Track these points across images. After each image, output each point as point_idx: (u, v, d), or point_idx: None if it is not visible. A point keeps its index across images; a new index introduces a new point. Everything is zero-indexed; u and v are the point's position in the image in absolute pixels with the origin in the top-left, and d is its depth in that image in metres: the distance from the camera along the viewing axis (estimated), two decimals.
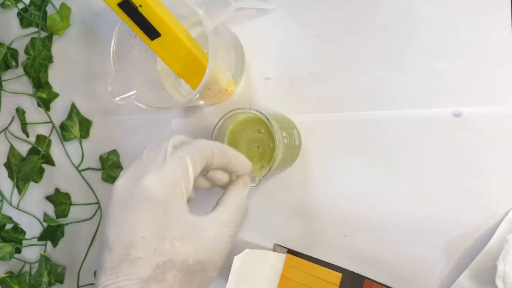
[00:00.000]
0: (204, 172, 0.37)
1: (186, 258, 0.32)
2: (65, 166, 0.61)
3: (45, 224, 0.62)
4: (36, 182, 0.62)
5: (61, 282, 0.60)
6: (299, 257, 0.49)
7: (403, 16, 0.46)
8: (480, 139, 0.44)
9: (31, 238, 0.63)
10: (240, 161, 0.37)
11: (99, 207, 0.59)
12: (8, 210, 0.64)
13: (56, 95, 0.61)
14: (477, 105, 0.44)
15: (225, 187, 0.38)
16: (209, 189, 0.39)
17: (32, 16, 0.61)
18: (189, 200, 0.38)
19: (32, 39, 0.60)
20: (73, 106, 0.59)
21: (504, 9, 0.43)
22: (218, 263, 0.34)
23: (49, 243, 0.62)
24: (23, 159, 0.62)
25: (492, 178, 0.44)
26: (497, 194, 0.43)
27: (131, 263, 0.31)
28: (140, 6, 0.39)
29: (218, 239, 0.33)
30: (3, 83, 0.63)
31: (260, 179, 0.42)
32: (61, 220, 0.61)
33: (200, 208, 0.36)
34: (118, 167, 0.58)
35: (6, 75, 0.63)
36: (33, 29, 0.62)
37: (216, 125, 0.43)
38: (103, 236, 0.33)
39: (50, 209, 0.62)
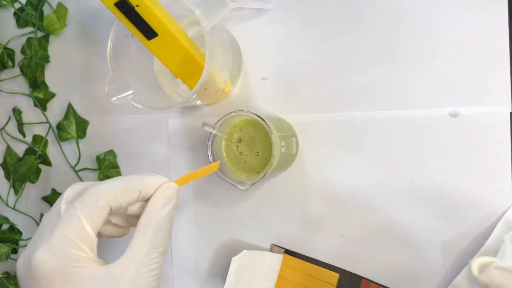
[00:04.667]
0: (123, 211, 0.34)
1: None
2: (62, 167, 0.61)
3: None
4: (33, 182, 0.62)
5: None
6: (296, 257, 0.49)
7: (400, 16, 0.46)
8: (476, 139, 0.44)
9: (28, 239, 0.63)
10: (151, 187, 0.33)
11: None
12: (4, 211, 0.64)
13: (52, 95, 0.60)
14: (474, 105, 0.44)
15: None
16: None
17: (29, 16, 0.60)
18: (122, 236, 0.36)
19: (29, 39, 0.59)
20: (69, 106, 0.59)
21: (501, 10, 0.43)
22: None
23: None
24: (20, 159, 0.62)
25: (488, 178, 0.44)
26: (494, 194, 0.44)
27: None
28: (137, 5, 0.39)
29: (140, 280, 0.30)
30: None
31: (252, 184, 0.41)
32: None
33: None
34: (115, 167, 0.58)
35: (3, 75, 0.63)
36: (29, 29, 0.61)
37: (216, 123, 0.43)
38: None
39: (46, 210, 0.62)
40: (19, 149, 0.63)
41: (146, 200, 0.34)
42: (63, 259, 0.29)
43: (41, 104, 0.60)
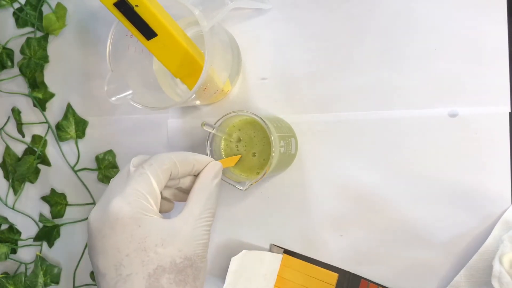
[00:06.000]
0: (175, 183, 0.39)
1: (173, 259, 0.34)
2: (61, 167, 0.61)
3: (41, 225, 0.61)
4: (32, 182, 0.62)
5: (57, 282, 0.60)
6: (296, 257, 0.49)
7: (399, 16, 0.46)
8: (475, 139, 0.44)
9: (27, 239, 0.63)
10: (203, 163, 0.39)
11: None
12: (3, 211, 0.64)
13: (51, 95, 0.60)
14: (473, 105, 0.44)
15: None
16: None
17: (28, 16, 0.60)
18: (167, 212, 0.40)
19: (28, 39, 0.59)
20: (69, 106, 0.59)
21: (500, 10, 0.43)
22: (203, 254, 0.35)
23: (44, 244, 0.62)
24: (19, 159, 0.62)
25: (487, 178, 0.44)
26: (493, 194, 0.44)
27: (125, 282, 0.33)
28: (136, 6, 0.39)
29: (196, 232, 0.35)
30: None
31: (251, 184, 0.42)
32: (57, 221, 0.61)
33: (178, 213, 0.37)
34: (114, 167, 0.58)
35: (2, 75, 0.63)
36: (28, 29, 0.61)
37: (215, 123, 0.43)
38: (94, 267, 0.35)
39: (45, 210, 0.62)
40: (18, 149, 0.63)
41: (195, 176, 0.39)
42: (136, 207, 0.34)
43: (40, 104, 0.60)
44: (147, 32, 0.41)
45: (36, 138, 0.61)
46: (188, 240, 0.34)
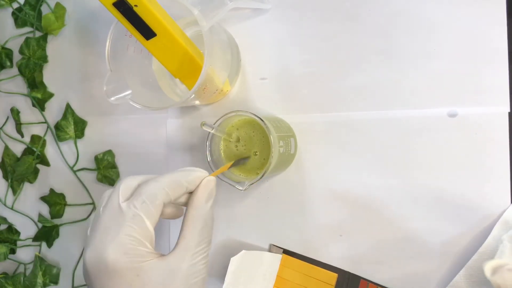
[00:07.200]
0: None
1: None
2: (60, 167, 0.61)
3: (40, 225, 0.61)
4: (31, 182, 0.62)
5: (56, 283, 0.60)
6: (295, 257, 0.49)
7: (399, 16, 0.46)
8: (475, 139, 0.44)
9: (26, 239, 0.63)
10: (195, 183, 0.37)
11: (94, 207, 0.59)
12: (2, 211, 0.63)
13: (51, 95, 0.60)
14: (472, 105, 0.44)
15: None
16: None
17: (27, 15, 0.60)
18: (174, 218, 0.39)
19: (27, 39, 0.59)
20: (68, 106, 0.59)
21: (500, 10, 0.43)
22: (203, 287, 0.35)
23: (44, 244, 0.61)
24: (18, 159, 0.62)
25: (487, 179, 0.44)
26: (492, 194, 0.44)
27: None
28: (136, 5, 0.39)
29: (194, 269, 0.35)
30: None
31: (251, 184, 0.41)
32: (56, 221, 0.61)
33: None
34: (113, 167, 0.58)
35: (1, 75, 0.63)
36: (27, 29, 0.61)
37: (215, 123, 0.43)
38: None
39: (45, 210, 0.61)
40: (17, 149, 0.63)
41: (190, 192, 0.38)
42: (132, 256, 0.33)
43: (39, 104, 0.60)
44: (146, 32, 0.41)
45: (35, 138, 0.61)
46: (186, 280, 0.34)
